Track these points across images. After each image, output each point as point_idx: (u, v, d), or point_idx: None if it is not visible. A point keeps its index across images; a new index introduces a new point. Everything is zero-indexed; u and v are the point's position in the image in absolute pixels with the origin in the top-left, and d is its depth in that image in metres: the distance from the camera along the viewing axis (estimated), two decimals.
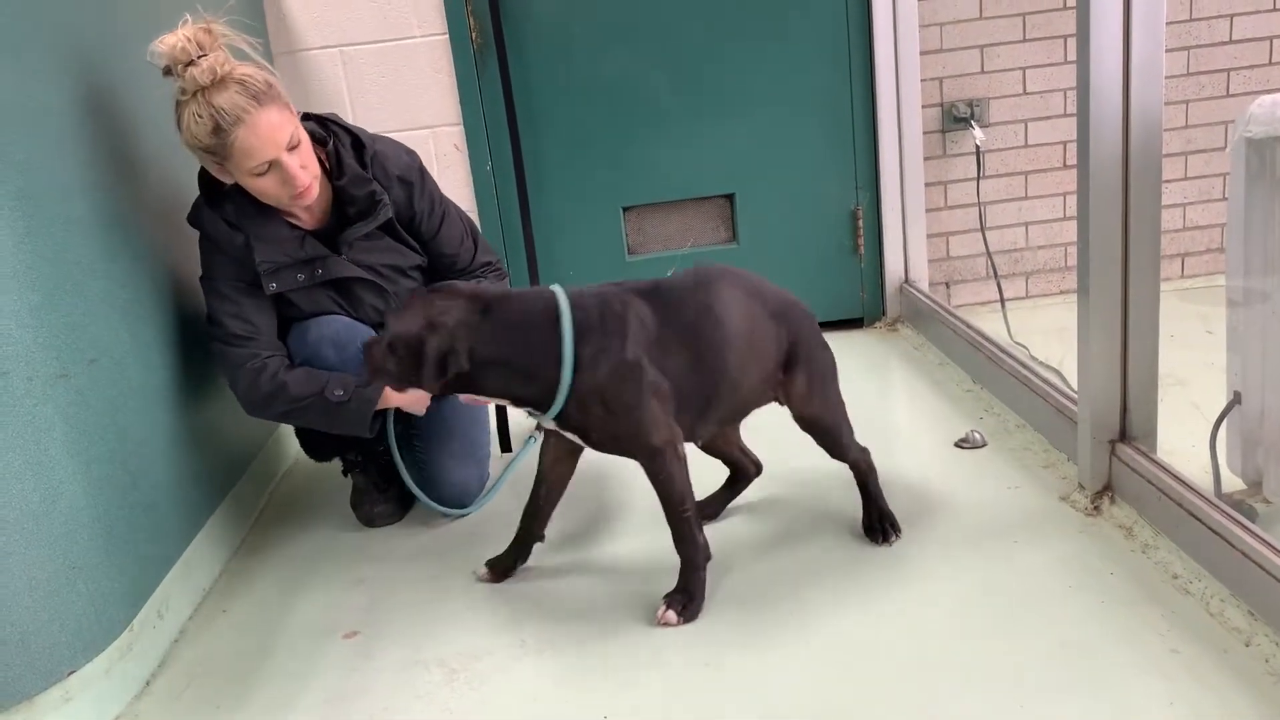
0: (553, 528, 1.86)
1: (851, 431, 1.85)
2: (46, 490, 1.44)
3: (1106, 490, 1.82)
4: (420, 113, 2.83)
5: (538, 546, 1.86)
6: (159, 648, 1.71)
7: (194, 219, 1.91)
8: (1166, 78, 1.97)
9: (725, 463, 1.98)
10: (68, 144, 1.61)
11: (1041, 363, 2.49)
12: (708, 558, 1.69)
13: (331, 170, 1.92)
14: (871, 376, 2.68)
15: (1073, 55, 2.99)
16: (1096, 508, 1.81)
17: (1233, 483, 1.84)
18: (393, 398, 1.92)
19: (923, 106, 2.97)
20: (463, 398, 1.79)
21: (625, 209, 3.02)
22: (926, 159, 3.04)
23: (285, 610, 1.83)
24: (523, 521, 1.84)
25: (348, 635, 1.72)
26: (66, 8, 1.67)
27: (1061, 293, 3.21)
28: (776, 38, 2.87)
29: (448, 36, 2.80)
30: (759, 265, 3.02)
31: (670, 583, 1.67)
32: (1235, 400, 1.81)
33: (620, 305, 1.63)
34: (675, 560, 1.66)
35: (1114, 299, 1.77)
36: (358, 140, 1.96)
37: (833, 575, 1.72)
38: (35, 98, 1.52)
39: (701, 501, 1.91)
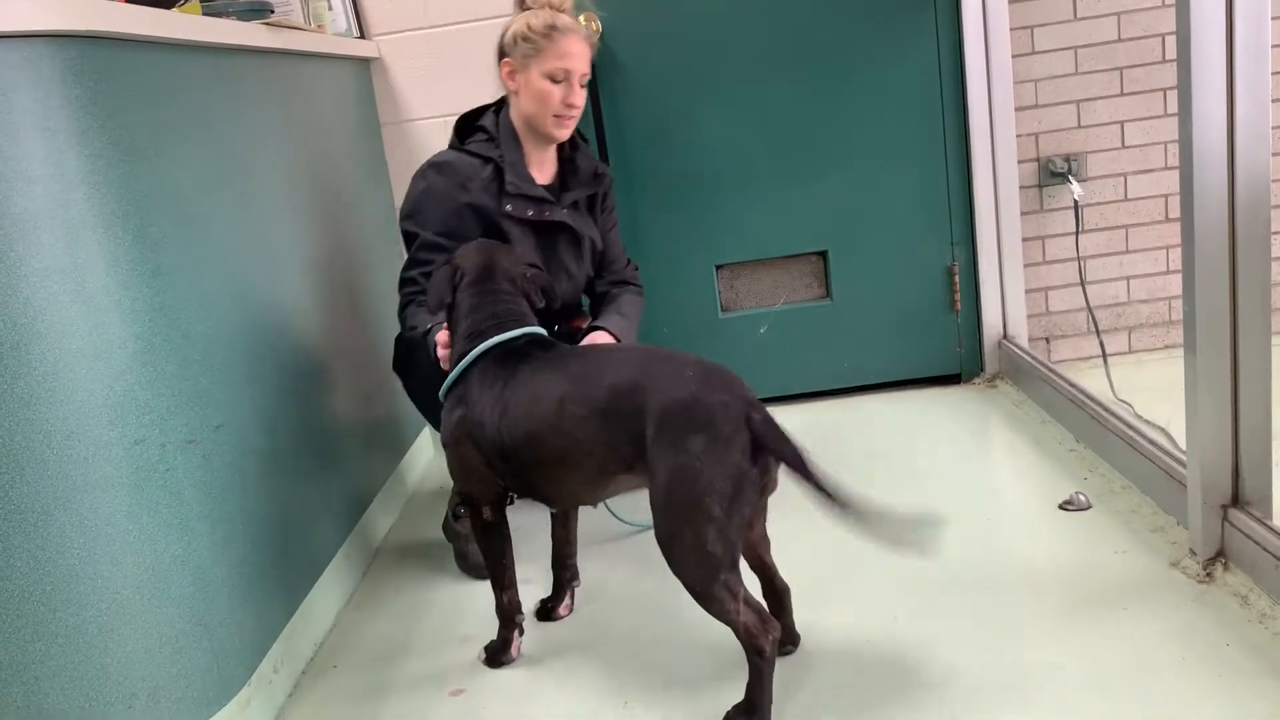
0: (653, 586, 1.88)
1: (719, 581, 1.46)
2: (178, 551, 1.52)
3: (1219, 556, 1.77)
4: None
5: (650, 605, 1.89)
6: (274, 703, 1.77)
7: (436, 163, 2.15)
8: (1274, 128, 1.94)
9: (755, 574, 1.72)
10: (198, 224, 1.71)
11: (1147, 421, 2.44)
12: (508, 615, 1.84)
13: (566, 146, 2.27)
14: (971, 435, 2.65)
15: (1173, 108, 2.95)
16: (1209, 575, 1.76)
17: None
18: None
19: (1018, 162, 2.95)
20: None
21: (718, 267, 3.06)
22: (1023, 214, 3.02)
23: (393, 666, 1.88)
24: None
25: (454, 692, 1.77)
26: (200, 96, 1.78)
27: (1166, 348, 3.14)
28: (868, 96, 2.90)
29: None
30: (854, 321, 3.05)
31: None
32: None
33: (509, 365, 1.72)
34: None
35: (1223, 355, 1.73)
36: (584, 136, 2.35)
37: (932, 649, 1.70)
38: (170, 180, 1.62)
39: None
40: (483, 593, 2.12)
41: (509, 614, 1.83)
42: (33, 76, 1.35)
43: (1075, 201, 3.02)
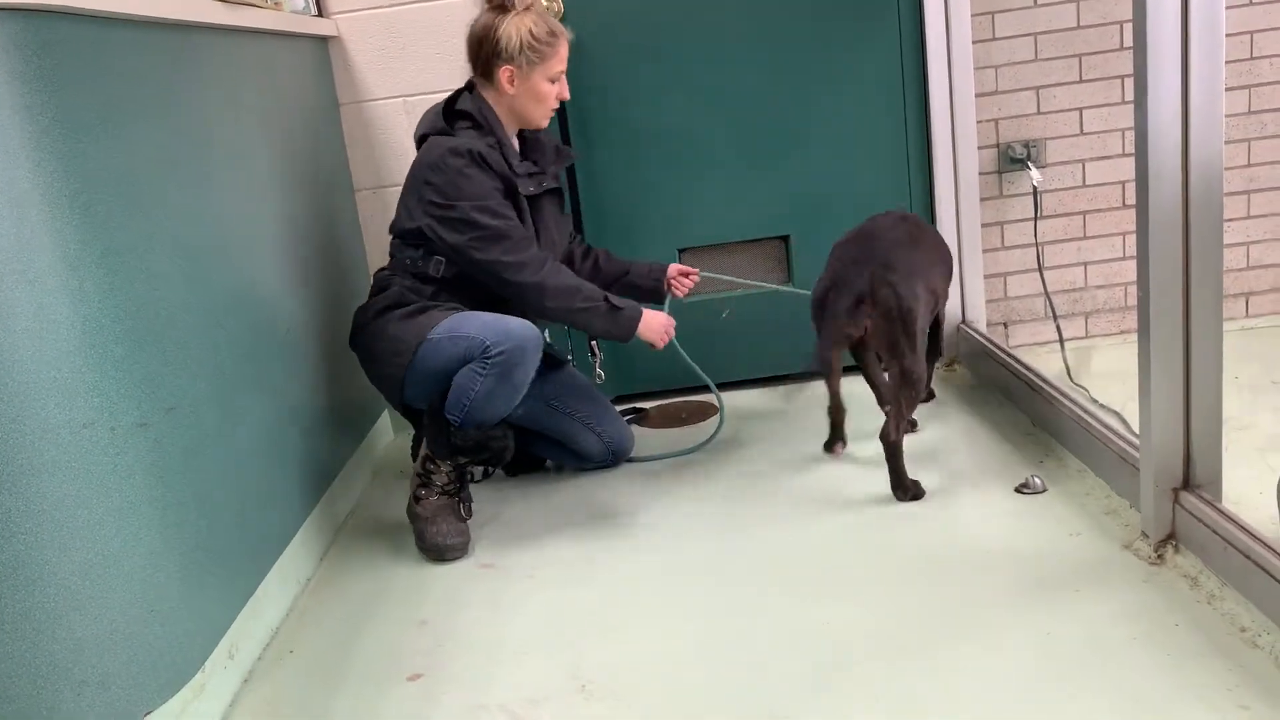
0: (617, 562, 1.88)
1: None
2: (128, 536, 1.50)
3: (1170, 539, 1.80)
4: None
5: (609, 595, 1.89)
6: (230, 688, 1.75)
7: (458, 148, 2.20)
8: (1227, 116, 1.96)
9: None
10: (149, 203, 1.67)
11: (1102, 405, 2.47)
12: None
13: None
14: (929, 418, 2.67)
15: (1130, 95, 2.98)
16: (1160, 557, 1.79)
17: None
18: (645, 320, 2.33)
19: (978, 148, 2.97)
20: None
21: (681, 251, 3.05)
22: (983, 200, 3.04)
23: (350, 651, 1.87)
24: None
25: (411, 678, 1.76)
26: (152, 73, 1.74)
27: (1121, 333, 3.18)
28: (830, 81, 2.90)
29: None
30: None
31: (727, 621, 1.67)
32: None
33: None
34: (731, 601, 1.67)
35: (1175, 340, 1.75)
36: None
37: (886, 628, 1.71)
38: (120, 159, 1.59)
39: None
40: (441, 576, 2.11)
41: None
42: None
43: (1034, 187, 3.05)
